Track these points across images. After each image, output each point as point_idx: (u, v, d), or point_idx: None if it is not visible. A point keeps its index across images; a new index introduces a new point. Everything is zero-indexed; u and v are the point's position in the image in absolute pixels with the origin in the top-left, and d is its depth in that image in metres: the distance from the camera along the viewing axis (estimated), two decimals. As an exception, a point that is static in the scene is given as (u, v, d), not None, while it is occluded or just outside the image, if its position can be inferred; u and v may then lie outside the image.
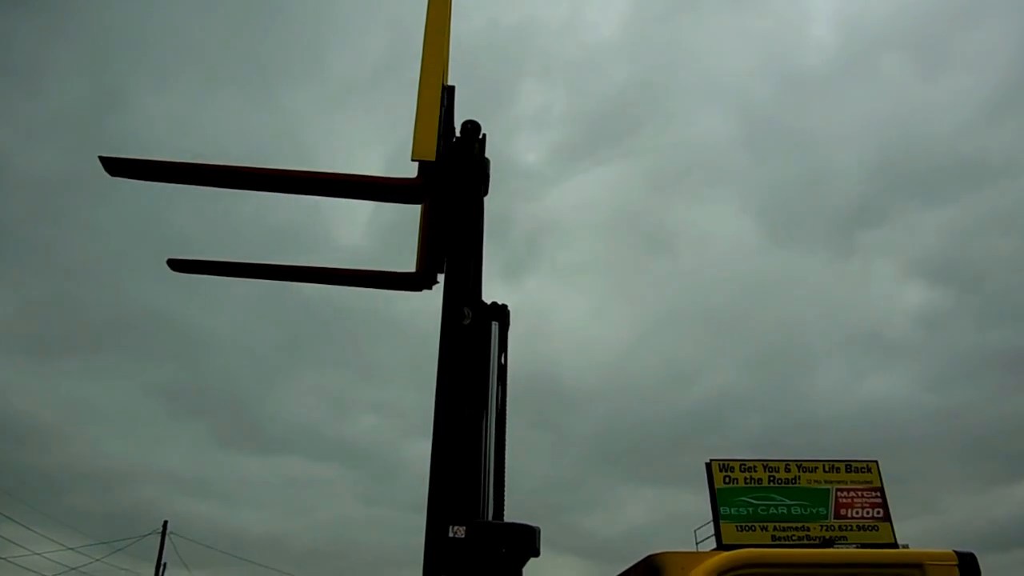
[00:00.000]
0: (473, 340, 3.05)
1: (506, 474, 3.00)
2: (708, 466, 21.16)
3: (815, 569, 3.01)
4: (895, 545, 19.13)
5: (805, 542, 19.60)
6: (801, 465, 21.43)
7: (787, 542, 19.73)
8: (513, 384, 3.20)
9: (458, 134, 3.47)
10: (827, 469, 21.44)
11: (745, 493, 20.87)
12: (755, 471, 21.18)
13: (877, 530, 20.63)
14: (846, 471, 21.45)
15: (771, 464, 21.36)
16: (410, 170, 3.14)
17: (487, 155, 3.47)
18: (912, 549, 3.14)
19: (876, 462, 21.75)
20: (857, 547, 18.05)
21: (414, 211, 3.57)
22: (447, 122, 3.41)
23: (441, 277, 3.35)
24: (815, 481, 21.18)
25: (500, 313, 3.21)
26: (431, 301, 3.63)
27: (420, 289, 3.52)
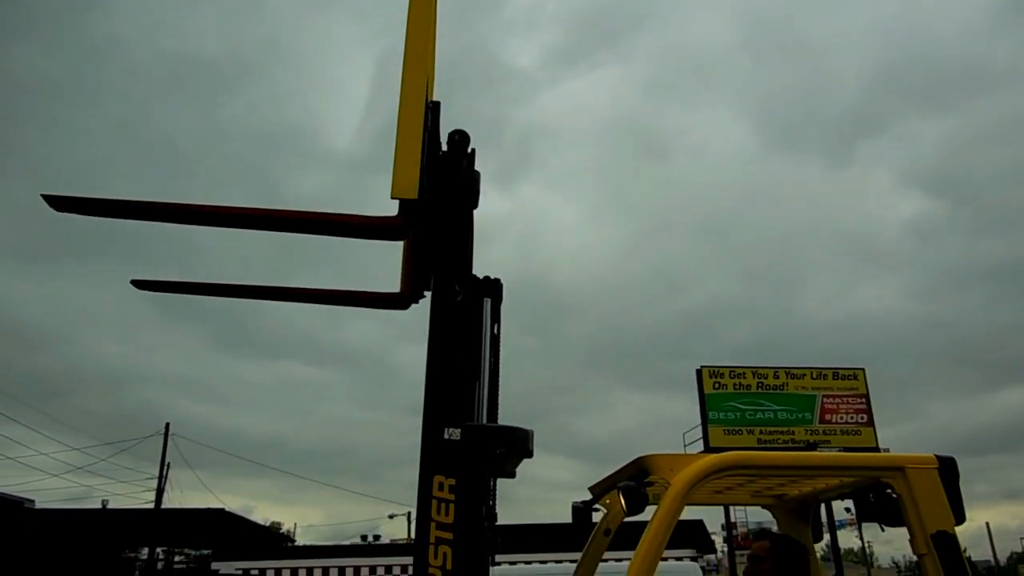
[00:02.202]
0: (464, 316, 2.96)
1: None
2: (699, 372, 21.54)
3: (798, 471, 3.09)
4: (877, 449, 19.72)
5: (790, 446, 20.17)
6: (789, 372, 21.84)
7: (772, 445, 20.31)
8: (507, 288, 3.17)
9: (444, 147, 3.18)
10: (814, 376, 21.86)
11: (733, 399, 21.34)
12: (744, 377, 21.59)
13: (860, 435, 21.22)
14: (833, 378, 21.89)
15: (760, 371, 21.75)
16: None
17: (477, 167, 3.19)
18: (893, 453, 3.23)
19: (863, 369, 22.16)
20: (840, 451, 18.60)
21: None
22: (432, 141, 3.12)
23: (427, 291, 3.14)
24: (802, 387, 21.63)
25: (493, 288, 3.13)
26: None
27: (406, 307, 3.31)
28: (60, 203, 2.91)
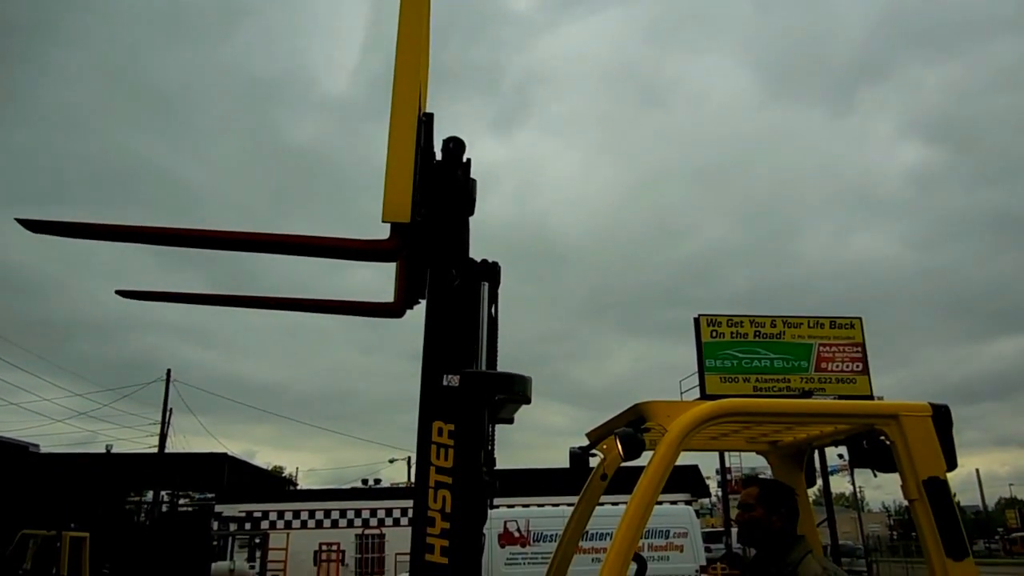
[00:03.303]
0: (461, 301, 2.93)
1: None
2: (696, 320, 21.64)
3: (793, 418, 3.11)
4: (871, 397, 19.93)
5: (785, 393, 20.38)
6: (787, 321, 21.94)
7: (768, 393, 20.52)
8: (505, 237, 3.18)
9: (439, 156, 3.07)
10: (812, 325, 21.98)
11: (730, 347, 21.48)
12: (742, 326, 21.70)
13: (855, 383, 21.44)
14: (830, 327, 22.01)
15: (757, 319, 21.85)
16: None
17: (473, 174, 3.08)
18: (887, 401, 3.25)
19: (860, 319, 22.27)
20: (834, 399, 18.78)
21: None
22: (426, 151, 2.99)
23: (421, 299, 3.11)
24: (799, 336, 21.76)
25: (490, 272, 3.08)
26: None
27: (401, 315, 3.26)
28: (36, 226, 2.79)
